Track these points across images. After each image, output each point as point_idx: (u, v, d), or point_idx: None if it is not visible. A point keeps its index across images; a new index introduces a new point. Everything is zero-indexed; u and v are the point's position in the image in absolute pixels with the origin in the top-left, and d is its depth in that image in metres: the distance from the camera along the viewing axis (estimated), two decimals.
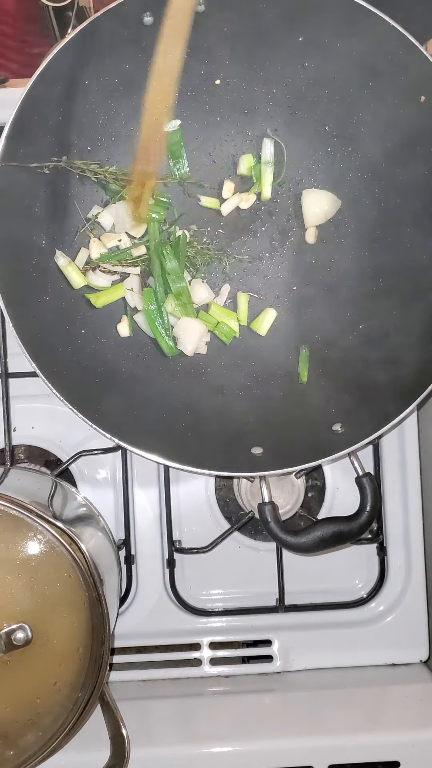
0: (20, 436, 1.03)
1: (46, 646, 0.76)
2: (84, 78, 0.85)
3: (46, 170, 0.84)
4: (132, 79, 0.88)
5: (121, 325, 0.93)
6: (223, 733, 0.92)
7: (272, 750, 0.89)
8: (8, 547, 0.76)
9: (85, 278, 0.91)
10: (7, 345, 0.99)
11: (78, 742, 0.79)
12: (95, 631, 0.77)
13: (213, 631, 1.02)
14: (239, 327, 0.97)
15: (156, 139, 0.86)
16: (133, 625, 1.01)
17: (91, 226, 0.91)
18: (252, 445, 0.86)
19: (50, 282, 0.89)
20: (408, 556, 1.04)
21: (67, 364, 0.86)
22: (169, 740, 0.92)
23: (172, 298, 0.92)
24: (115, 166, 0.91)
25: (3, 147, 0.78)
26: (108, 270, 0.92)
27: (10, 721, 0.76)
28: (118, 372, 0.92)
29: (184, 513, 1.04)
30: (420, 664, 1.03)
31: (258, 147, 0.95)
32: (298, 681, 1.01)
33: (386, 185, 0.91)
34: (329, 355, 0.94)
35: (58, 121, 0.85)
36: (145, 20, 0.83)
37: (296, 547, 0.81)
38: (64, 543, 0.76)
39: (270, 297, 0.98)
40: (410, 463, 1.04)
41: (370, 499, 0.82)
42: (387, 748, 0.89)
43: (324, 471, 1.05)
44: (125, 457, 1.01)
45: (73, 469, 1.03)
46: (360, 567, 1.05)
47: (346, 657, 1.03)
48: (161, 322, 0.93)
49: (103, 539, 0.92)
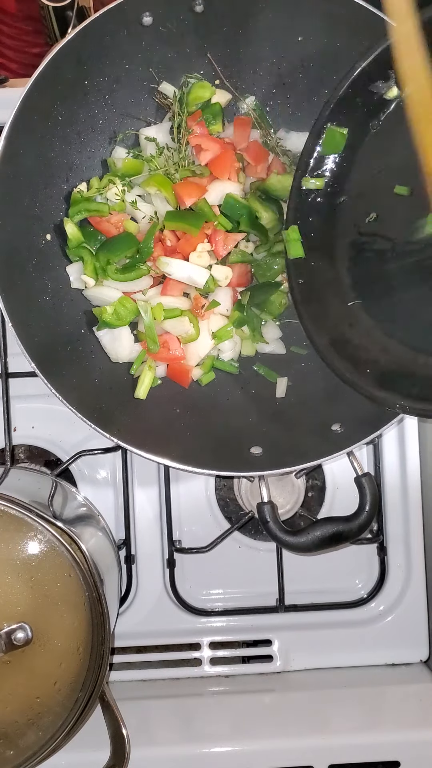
0: (20, 436, 1.03)
1: (46, 646, 0.76)
2: (84, 78, 0.85)
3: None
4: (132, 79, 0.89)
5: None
6: (223, 733, 0.92)
7: (272, 750, 0.89)
8: (8, 547, 0.76)
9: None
10: (7, 345, 0.99)
11: (78, 742, 0.80)
12: (95, 631, 0.77)
13: (213, 631, 1.02)
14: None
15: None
16: (133, 625, 1.01)
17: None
18: (252, 445, 0.86)
19: (50, 282, 0.89)
20: (408, 556, 1.04)
21: (66, 364, 0.86)
22: (169, 740, 0.92)
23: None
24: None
25: (3, 147, 0.79)
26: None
27: (10, 721, 0.76)
28: (118, 372, 0.92)
29: (184, 513, 1.04)
30: (420, 664, 1.03)
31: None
32: (298, 681, 1.01)
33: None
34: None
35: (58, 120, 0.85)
36: (145, 20, 0.84)
37: (295, 547, 0.81)
38: (64, 543, 0.76)
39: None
40: (410, 463, 1.04)
41: (369, 498, 0.82)
42: (387, 748, 0.90)
43: (324, 471, 1.05)
44: (125, 457, 1.02)
45: (73, 469, 1.03)
46: (360, 567, 1.05)
47: (346, 657, 1.03)
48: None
49: (103, 539, 0.92)
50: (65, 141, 0.88)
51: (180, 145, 0.92)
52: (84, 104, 0.88)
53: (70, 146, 0.89)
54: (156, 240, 0.90)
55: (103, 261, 0.90)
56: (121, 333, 0.91)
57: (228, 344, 0.95)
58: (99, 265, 0.90)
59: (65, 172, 0.90)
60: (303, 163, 0.86)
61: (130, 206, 0.91)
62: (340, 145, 0.84)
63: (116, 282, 0.91)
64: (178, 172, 0.91)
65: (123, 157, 0.92)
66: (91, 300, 0.92)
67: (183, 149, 0.92)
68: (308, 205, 0.87)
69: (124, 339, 0.91)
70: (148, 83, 0.91)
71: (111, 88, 0.89)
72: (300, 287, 0.85)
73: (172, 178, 0.91)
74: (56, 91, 0.83)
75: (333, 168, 0.86)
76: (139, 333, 0.92)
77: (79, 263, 0.91)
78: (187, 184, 0.90)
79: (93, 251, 0.91)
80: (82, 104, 0.87)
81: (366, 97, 0.82)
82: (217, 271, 0.91)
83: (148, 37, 0.86)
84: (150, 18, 0.84)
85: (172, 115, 0.93)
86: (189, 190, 0.89)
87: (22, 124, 0.79)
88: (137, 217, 0.91)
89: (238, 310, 0.93)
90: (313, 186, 0.86)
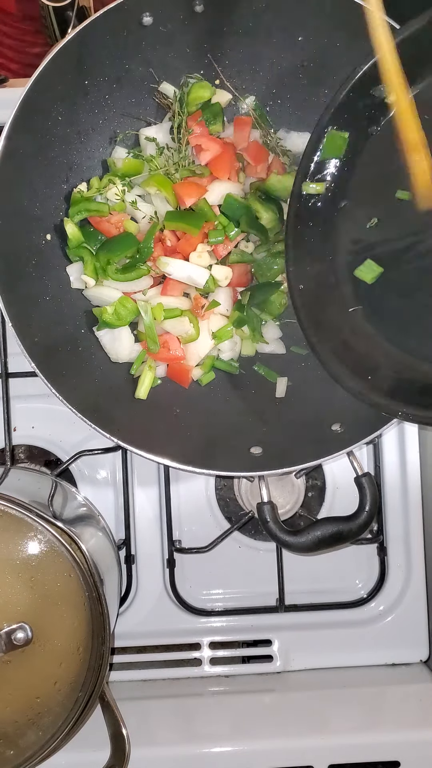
0: (20, 436, 1.03)
1: (47, 646, 0.76)
2: (84, 78, 0.85)
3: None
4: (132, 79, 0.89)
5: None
6: (223, 733, 0.92)
7: (272, 750, 0.89)
8: (8, 547, 0.76)
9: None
10: (7, 345, 0.99)
11: (78, 742, 0.79)
12: (95, 630, 0.77)
13: (213, 631, 1.02)
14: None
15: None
16: (133, 625, 1.01)
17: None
18: (252, 445, 0.86)
19: (50, 282, 0.89)
20: (408, 556, 1.04)
21: (66, 364, 0.86)
22: (169, 740, 0.92)
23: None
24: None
25: (3, 147, 0.79)
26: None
27: (11, 721, 0.76)
28: (118, 372, 0.92)
29: (184, 513, 1.04)
30: (420, 664, 1.03)
31: None
32: (298, 681, 1.01)
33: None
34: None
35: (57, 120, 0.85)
36: (145, 20, 0.84)
37: (295, 547, 0.81)
38: (64, 543, 0.76)
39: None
40: (410, 463, 1.04)
41: (369, 498, 0.82)
42: (387, 748, 0.90)
43: (324, 471, 1.05)
44: (125, 457, 1.02)
45: (73, 469, 1.03)
46: (360, 567, 1.05)
47: (346, 657, 1.03)
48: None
49: (103, 539, 0.92)
50: (65, 141, 0.88)
51: (180, 145, 0.92)
52: (84, 104, 0.88)
53: (70, 146, 0.89)
54: (156, 240, 0.90)
55: (103, 261, 0.90)
56: (121, 333, 0.91)
57: (228, 344, 0.95)
58: (99, 265, 0.90)
59: (65, 172, 0.90)
60: (303, 167, 0.86)
61: (130, 206, 0.91)
62: (341, 149, 0.84)
63: (116, 282, 0.91)
64: (178, 172, 0.91)
65: (123, 157, 0.92)
66: (91, 300, 0.92)
67: (183, 149, 0.92)
68: (309, 210, 0.87)
69: (124, 339, 0.91)
70: (148, 83, 0.91)
71: (111, 88, 0.89)
72: (300, 293, 0.85)
73: (172, 178, 0.91)
74: (56, 91, 0.83)
75: (334, 172, 0.86)
76: (139, 333, 0.92)
77: (79, 263, 0.91)
78: (187, 184, 0.90)
79: (93, 251, 0.91)
80: (82, 104, 0.87)
81: (367, 101, 0.82)
82: (217, 271, 0.91)
83: (148, 37, 0.86)
84: (150, 18, 0.84)
85: (172, 115, 0.93)
86: (189, 190, 0.89)
87: (22, 124, 0.79)
88: (137, 217, 0.91)
89: (238, 310, 0.93)
90: (314, 191, 0.85)
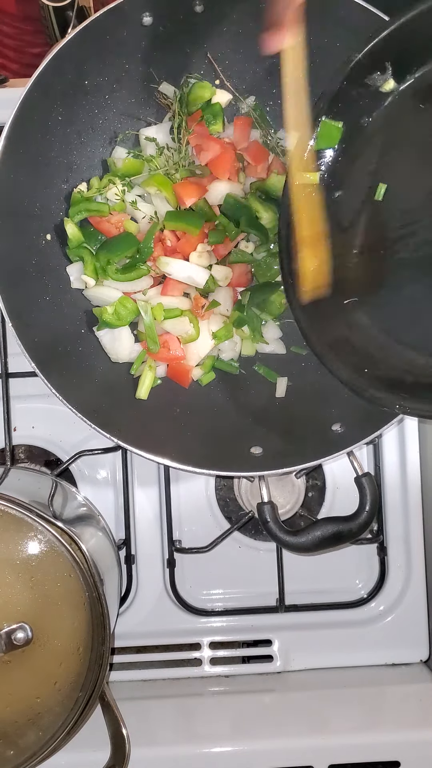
0: (20, 436, 1.03)
1: (47, 646, 0.76)
2: (84, 78, 0.85)
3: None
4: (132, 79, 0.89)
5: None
6: (223, 733, 0.92)
7: (272, 750, 0.89)
8: (8, 547, 0.76)
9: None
10: (7, 345, 0.99)
11: (78, 742, 0.79)
12: (95, 630, 0.77)
13: (213, 631, 1.02)
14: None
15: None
16: (133, 625, 1.01)
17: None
18: (252, 445, 0.86)
19: (50, 282, 0.89)
20: (408, 556, 1.04)
21: (66, 364, 0.86)
22: (169, 740, 0.92)
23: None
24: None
25: (3, 147, 0.79)
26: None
27: (10, 721, 0.76)
28: (118, 372, 0.92)
29: (184, 513, 1.04)
30: (420, 664, 1.03)
31: None
32: (298, 681, 1.01)
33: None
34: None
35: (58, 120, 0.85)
36: (145, 20, 0.84)
37: (295, 547, 0.81)
38: (64, 543, 0.76)
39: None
40: (410, 463, 1.04)
41: (369, 498, 0.82)
42: (387, 748, 0.90)
43: (324, 471, 1.05)
44: (125, 457, 1.02)
45: (73, 469, 1.03)
46: (360, 567, 1.05)
47: (346, 657, 1.03)
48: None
49: (103, 539, 0.92)
50: (65, 141, 0.88)
51: (180, 145, 0.92)
52: (84, 104, 0.88)
53: (70, 146, 0.89)
54: (156, 240, 0.90)
55: (104, 261, 0.90)
56: (121, 333, 0.91)
57: (228, 344, 0.95)
58: (99, 265, 0.90)
59: (65, 172, 0.90)
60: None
61: (130, 206, 0.91)
62: (336, 138, 0.83)
63: (116, 282, 0.91)
64: (178, 172, 0.91)
65: (123, 157, 0.92)
66: (91, 300, 0.92)
67: (183, 149, 0.92)
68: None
69: (124, 339, 0.91)
70: (148, 83, 0.91)
71: (111, 88, 0.89)
72: (295, 288, 0.85)
73: (172, 178, 0.91)
74: (56, 91, 0.83)
75: (328, 162, 0.85)
76: (139, 333, 0.92)
77: (79, 263, 0.91)
78: (187, 184, 0.90)
79: (93, 251, 0.91)
80: (82, 104, 0.87)
81: (362, 90, 0.81)
82: (217, 271, 0.91)
83: (148, 37, 0.86)
84: (150, 18, 0.84)
85: (172, 115, 0.93)
86: (189, 190, 0.89)
87: (22, 124, 0.80)
88: (137, 217, 0.91)
89: (238, 310, 0.93)
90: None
